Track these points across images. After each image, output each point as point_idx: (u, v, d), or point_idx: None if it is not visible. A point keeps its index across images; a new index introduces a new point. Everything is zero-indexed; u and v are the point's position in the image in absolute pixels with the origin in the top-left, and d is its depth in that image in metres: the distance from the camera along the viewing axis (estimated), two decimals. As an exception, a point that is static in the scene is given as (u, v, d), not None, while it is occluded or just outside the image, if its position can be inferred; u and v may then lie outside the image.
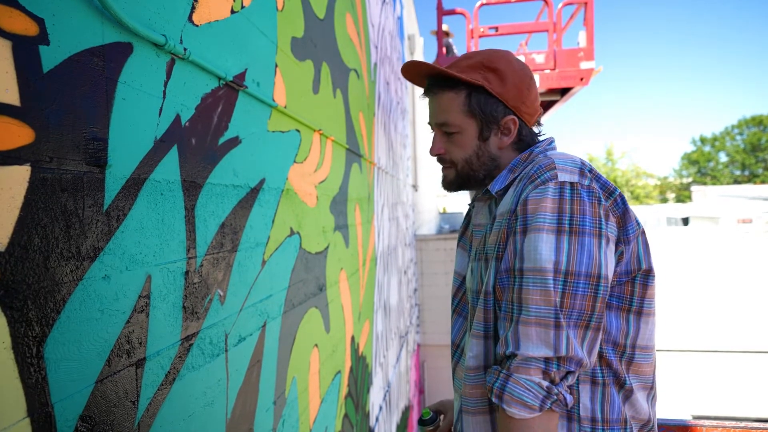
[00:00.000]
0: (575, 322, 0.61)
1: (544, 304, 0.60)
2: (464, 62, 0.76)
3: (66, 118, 0.53)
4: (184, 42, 0.77)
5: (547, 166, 0.67)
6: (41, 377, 0.49)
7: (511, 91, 0.73)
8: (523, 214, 0.64)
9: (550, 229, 0.62)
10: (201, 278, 0.82)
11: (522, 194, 0.66)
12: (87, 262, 0.56)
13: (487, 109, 0.74)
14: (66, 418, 0.53)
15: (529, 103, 0.75)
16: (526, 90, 0.75)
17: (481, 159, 0.76)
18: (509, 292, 0.65)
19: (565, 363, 0.60)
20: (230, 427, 0.92)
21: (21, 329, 0.47)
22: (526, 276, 0.62)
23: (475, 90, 0.74)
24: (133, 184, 0.65)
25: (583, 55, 3.91)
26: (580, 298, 0.61)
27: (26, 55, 0.48)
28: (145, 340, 0.67)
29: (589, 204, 0.62)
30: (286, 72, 1.24)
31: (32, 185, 0.48)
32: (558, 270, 0.61)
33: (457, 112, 0.75)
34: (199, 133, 0.82)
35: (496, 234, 0.70)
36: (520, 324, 0.62)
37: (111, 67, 0.60)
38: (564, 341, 0.60)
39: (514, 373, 0.61)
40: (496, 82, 0.73)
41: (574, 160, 0.67)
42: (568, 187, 0.63)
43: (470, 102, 0.74)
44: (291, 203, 1.28)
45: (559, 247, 0.61)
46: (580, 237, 0.61)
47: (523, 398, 0.60)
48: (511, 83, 0.73)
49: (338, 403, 1.77)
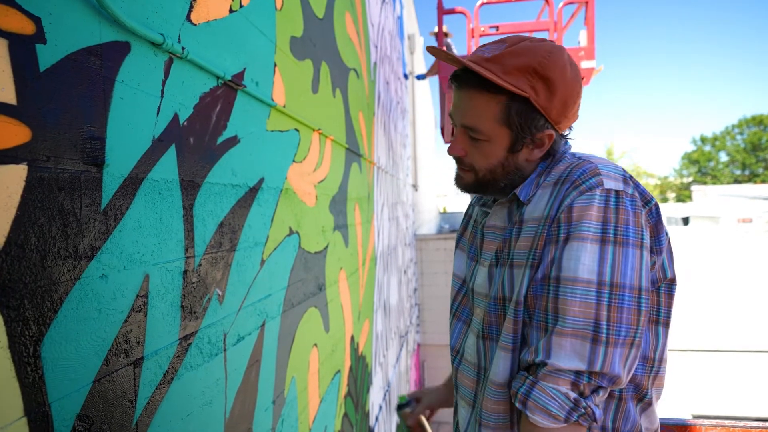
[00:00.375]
0: (623, 339, 0.57)
1: (583, 316, 0.57)
2: (512, 61, 0.63)
3: (63, 117, 0.53)
4: (183, 41, 0.77)
5: (591, 171, 0.62)
6: (38, 376, 0.49)
7: (558, 106, 0.64)
8: (568, 222, 0.60)
9: (595, 238, 0.58)
10: (199, 278, 0.82)
11: (565, 200, 0.61)
12: (84, 261, 0.56)
13: (527, 122, 0.65)
14: (63, 417, 0.53)
15: (571, 116, 0.67)
16: (573, 103, 0.66)
17: (506, 169, 0.69)
18: (543, 301, 0.61)
19: (597, 378, 0.57)
20: (229, 426, 0.92)
21: (18, 328, 0.47)
22: (564, 285, 0.59)
23: (518, 99, 0.64)
24: (131, 183, 0.65)
25: (583, 55, 3.91)
26: (626, 311, 0.57)
27: (23, 54, 0.48)
28: (143, 339, 0.67)
29: (633, 213, 0.59)
30: (285, 71, 1.24)
31: (29, 184, 0.48)
32: (602, 282, 0.57)
33: (490, 119, 0.65)
34: (197, 133, 0.82)
35: (529, 240, 0.65)
36: (554, 335, 0.58)
37: (108, 66, 0.60)
38: (601, 357, 0.56)
39: (541, 380, 0.59)
40: (544, 94, 0.63)
41: (616, 167, 0.64)
42: (613, 195, 0.59)
43: (509, 112, 0.64)
44: (290, 203, 1.28)
45: (603, 258, 0.58)
46: (624, 248, 0.58)
47: (548, 407, 0.58)
48: (560, 97, 0.64)
49: (338, 403, 1.77)
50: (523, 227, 0.67)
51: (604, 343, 0.57)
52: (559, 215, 0.61)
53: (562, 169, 0.67)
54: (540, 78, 0.63)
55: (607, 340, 0.57)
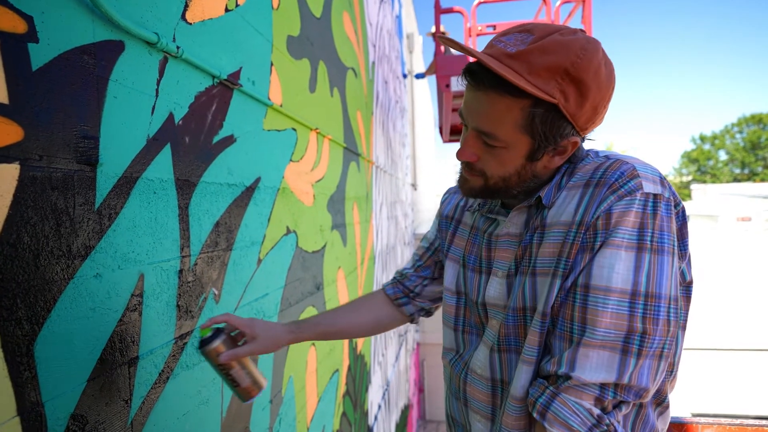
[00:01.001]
0: (654, 351, 0.54)
1: (614, 328, 0.54)
2: (540, 59, 0.54)
3: (56, 116, 0.53)
4: (177, 40, 0.77)
5: (629, 173, 0.57)
6: (31, 376, 0.49)
7: (588, 113, 0.57)
8: (605, 229, 0.55)
9: (630, 245, 0.55)
10: (195, 277, 0.82)
11: (602, 205, 0.56)
12: (78, 261, 0.56)
13: (552, 131, 0.57)
14: (57, 416, 0.52)
15: (599, 121, 0.60)
16: (603, 108, 0.59)
17: (522, 178, 0.63)
18: (568, 309, 0.57)
19: (623, 392, 0.55)
20: (226, 425, 0.92)
21: (10, 327, 0.47)
22: (595, 295, 0.55)
23: (544, 105, 0.56)
24: (126, 182, 0.65)
25: (581, 54, 3.90)
26: (661, 323, 0.54)
27: (15, 53, 0.48)
28: (138, 338, 0.67)
29: (668, 219, 0.56)
30: (282, 70, 1.24)
31: (21, 183, 0.48)
32: (637, 292, 0.54)
33: (510, 126, 0.57)
34: (192, 132, 0.82)
35: (556, 246, 0.60)
36: (581, 346, 0.55)
37: (102, 65, 0.60)
38: (631, 369, 0.54)
39: (563, 393, 0.56)
40: (575, 100, 0.55)
41: (652, 167, 0.59)
42: (651, 200, 0.55)
43: (533, 118, 0.56)
44: (287, 202, 1.28)
45: (639, 267, 0.54)
46: (660, 255, 0.55)
47: (569, 421, 0.55)
48: (592, 103, 0.56)
49: (336, 402, 1.77)
50: (546, 232, 0.62)
51: (635, 355, 0.54)
52: (596, 222, 0.56)
53: (589, 169, 0.61)
54: (572, 81, 0.54)
55: (639, 351, 0.54)
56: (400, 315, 0.90)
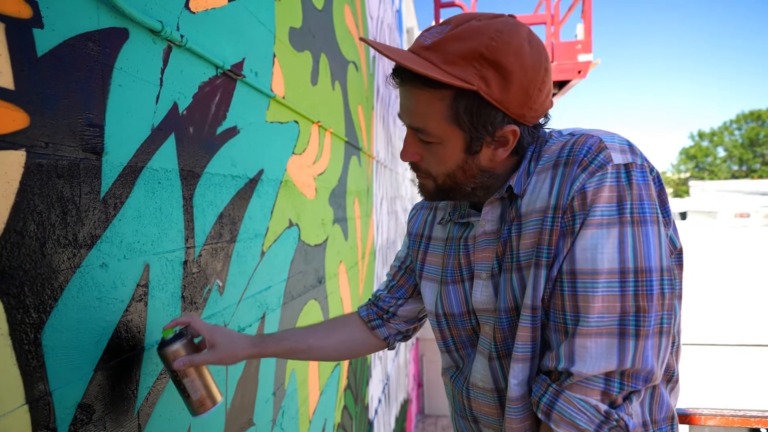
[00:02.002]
0: (653, 328, 0.52)
1: (608, 312, 0.51)
2: (455, 46, 0.53)
3: (61, 103, 0.52)
4: (181, 29, 0.76)
5: (597, 147, 0.54)
6: (39, 364, 0.49)
7: (517, 97, 0.54)
8: (582, 209, 0.53)
9: (611, 222, 0.52)
10: (200, 268, 0.82)
11: (574, 184, 0.54)
12: (84, 250, 0.56)
13: (480, 119, 0.55)
14: (65, 405, 0.52)
15: (537, 106, 0.57)
16: (537, 91, 0.55)
17: (468, 173, 0.60)
18: (558, 299, 0.55)
19: (630, 380, 0.52)
20: (230, 417, 0.92)
21: (18, 315, 0.47)
22: (583, 280, 0.53)
23: (463, 93, 0.54)
24: (130, 171, 0.64)
25: (580, 48, 3.89)
26: (656, 298, 0.52)
27: (20, 38, 0.47)
28: (144, 329, 0.67)
29: (645, 186, 0.53)
30: (285, 62, 1.23)
31: (27, 170, 0.48)
32: (625, 269, 0.51)
33: (437, 119, 0.56)
34: (196, 122, 0.81)
35: (535, 235, 0.57)
36: (577, 336, 0.52)
37: (107, 53, 0.60)
38: (632, 352, 0.51)
39: (567, 390, 0.53)
40: (496, 84, 0.53)
41: (619, 136, 0.57)
42: (623, 170, 0.53)
43: (456, 108, 0.55)
44: (290, 195, 1.28)
45: (623, 242, 0.51)
46: (643, 227, 0.52)
47: (576, 420, 0.52)
48: (518, 86, 0.53)
49: (337, 396, 1.78)
50: (523, 222, 0.59)
51: (634, 336, 0.51)
52: (571, 203, 0.54)
53: (555, 149, 0.58)
54: (490, 65, 0.52)
55: (637, 332, 0.51)
56: (374, 339, 0.84)
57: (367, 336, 0.84)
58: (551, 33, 4.28)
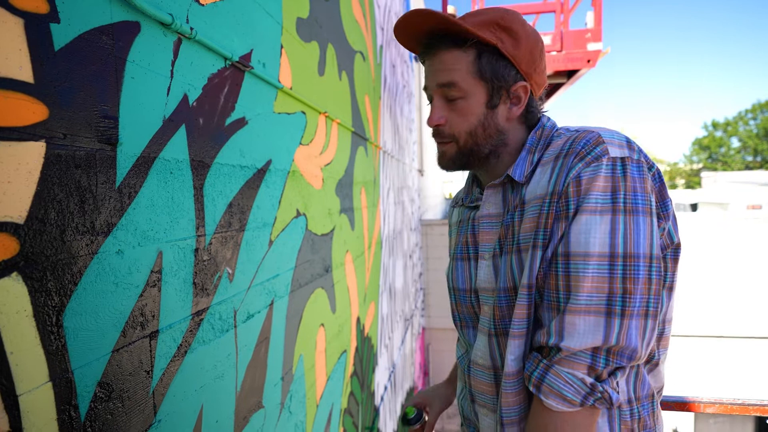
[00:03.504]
0: (638, 310, 0.55)
1: (596, 291, 0.55)
2: (473, 18, 0.66)
3: (77, 95, 0.54)
4: (191, 21, 0.77)
5: (594, 140, 0.60)
6: (61, 345, 0.52)
7: (526, 56, 0.66)
8: (577, 195, 0.58)
9: (604, 209, 0.56)
10: (210, 256, 0.84)
11: (570, 173, 0.59)
12: (101, 237, 0.58)
13: (500, 72, 0.65)
14: (85, 383, 0.55)
15: (540, 72, 0.68)
16: (539, 57, 0.67)
17: (488, 131, 0.67)
18: (552, 279, 0.59)
19: (614, 356, 0.55)
20: (240, 399, 0.96)
21: (41, 298, 0.49)
22: (575, 261, 0.56)
23: (487, 49, 0.65)
24: (144, 162, 0.66)
25: (590, 36, 3.83)
26: (642, 282, 0.55)
27: (38, 33, 0.49)
28: (157, 313, 0.69)
29: (640, 180, 0.57)
30: (292, 53, 1.24)
31: (47, 161, 0.50)
32: (615, 254, 0.55)
33: (464, 73, 0.65)
34: (206, 113, 0.83)
35: (534, 220, 0.62)
36: (567, 313, 0.56)
37: (120, 46, 0.61)
38: (616, 329, 0.54)
39: (556, 364, 0.57)
40: (510, 42, 0.65)
41: (618, 133, 0.62)
42: (619, 163, 0.57)
43: (481, 62, 0.65)
44: (297, 185, 1.30)
45: (614, 229, 0.56)
46: (635, 216, 0.56)
47: (563, 392, 0.56)
48: (525, 47, 0.65)
49: (344, 381, 1.82)
50: (525, 209, 0.64)
51: (619, 315, 0.55)
52: (567, 189, 0.59)
53: (560, 143, 0.64)
54: (503, 29, 0.65)
55: (622, 312, 0.55)
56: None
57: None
58: (561, 21, 4.21)
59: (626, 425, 0.64)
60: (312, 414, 1.43)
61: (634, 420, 0.64)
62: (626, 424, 0.64)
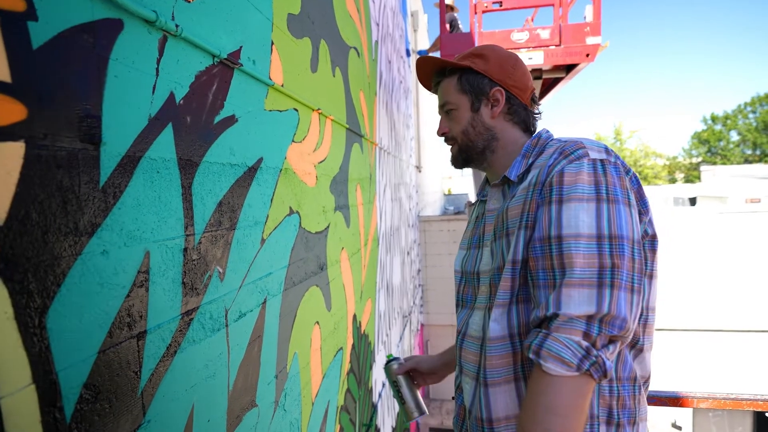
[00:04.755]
0: (625, 283, 0.62)
1: (588, 266, 0.62)
2: (458, 56, 0.89)
3: (58, 95, 0.54)
4: (176, 18, 0.77)
5: (577, 145, 0.71)
6: (44, 346, 0.51)
7: (495, 68, 0.84)
8: (559, 185, 0.67)
9: (591, 198, 0.65)
10: (200, 255, 0.84)
11: (555, 167, 0.69)
12: (85, 238, 0.58)
13: (475, 83, 0.85)
14: (71, 385, 0.55)
15: (516, 78, 0.84)
16: (511, 68, 0.84)
17: (477, 129, 0.85)
18: (547, 260, 0.66)
19: (607, 325, 0.61)
20: (233, 398, 0.96)
21: (22, 300, 0.49)
22: (567, 242, 0.64)
23: (465, 71, 0.86)
24: (129, 161, 0.66)
25: (589, 30, 3.82)
26: (626, 259, 0.63)
27: (15, 31, 0.48)
28: (145, 313, 0.69)
29: (618, 178, 0.67)
30: (283, 50, 1.23)
31: (27, 161, 0.49)
32: (602, 235, 0.63)
33: (453, 92, 0.87)
34: (194, 111, 0.82)
35: (519, 206, 0.73)
36: (563, 287, 0.63)
37: (102, 44, 0.61)
38: (608, 299, 0.61)
39: (554, 332, 0.62)
40: (480, 62, 0.85)
41: (599, 143, 0.73)
42: (599, 164, 0.68)
43: (461, 81, 0.86)
44: (290, 182, 1.29)
45: (600, 214, 0.64)
46: (616, 204, 0.65)
47: (561, 354, 0.61)
48: (494, 62, 0.84)
49: (340, 379, 1.82)
50: (514, 197, 0.75)
51: (609, 286, 0.62)
52: (551, 179, 0.68)
53: (551, 151, 0.75)
54: (477, 56, 0.86)
55: (612, 283, 0.62)
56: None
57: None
58: (559, 15, 4.19)
59: (604, 400, 0.69)
60: (307, 412, 1.43)
61: (613, 397, 0.69)
62: (604, 399, 0.69)
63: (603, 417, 0.69)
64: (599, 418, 0.69)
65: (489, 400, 0.73)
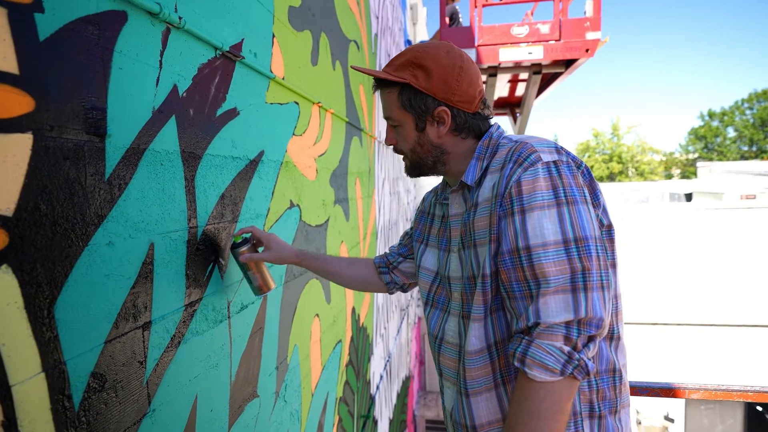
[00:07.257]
0: (596, 283, 0.64)
1: (560, 273, 0.63)
2: (397, 60, 0.79)
3: (64, 87, 0.54)
4: (179, 11, 0.76)
5: (528, 150, 0.70)
6: (53, 336, 0.52)
7: (438, 85, 0.76)
8: (519, 195, 0.67)
9: (551, 204, 0.66)
10: (203, 247, 0.85)
11: (512, 177, 0.69)
12: (92, 229, 0.58)
13: (416, 103, 0.77)
14: (79, 374, 0.56)
15: (460, 93, 0.76)
16: (456, 82, 0.76)
17: (425, 148, 0.80)
18: (519, 272, 0.66)
19: (585, 326, 0.63)
20: (234, 388, 0.97)
21: (32, 290, 0.49)
22: (536, 252, 0.65)
23: (404, 87, 0.77)
24: (133, 153, 0.66)
25: (589, 25, 3.81)
26: (594, 259, 0.64)
27: (22, 23, 0.49)
28: (150, 304, 0.70)
29: (572, 176, 0.68)
30: (284, 42, 1.23)
31: (35, 153, 0.50)
32: (567, 239, 0.64)
33: (394, 108, 0.79)
34: (196, 104, 0.82)
35: (485, 219, 0.72)
36: (540, 297, 0.64)
37: (106, 36, 0.61)
38: (583, 302, 0.63)
39: (536, 339, 0.64)
40: (422, 78, 0.76)
41: (548, 141, 0.73)
42: (553, 166, 0.68)
43: (402, 98, 0.78)
44: (290, 176, 1.30)
45: (562, 219, 0.65)
46: (575, 206, 0.66)
47: (545, 361, 0.62)
48: (437, 78, 0.75)
49: (339, 371, 1.84)
50: (477, 210, 0.75)
51: (583, 290, 0.63)
52: (510, 191, 0.68)
53: (504, 153, 0.74)
54: (417, 67, 0.76)
55: (585, 286, 0.64)
56: (379, 282, 1.06)
57: (375, 278, 1.06)
58: (559, 10, 4.18)
59: (585, 396, 0.71)
60: (307, 403, 1.45)
61: (593, 392, 0.72)
62: (585, 395, 0.71)
63: (585, 412, 0.71)
64: (582, 413, 0.71)
65: (471, 408, 0.75)
